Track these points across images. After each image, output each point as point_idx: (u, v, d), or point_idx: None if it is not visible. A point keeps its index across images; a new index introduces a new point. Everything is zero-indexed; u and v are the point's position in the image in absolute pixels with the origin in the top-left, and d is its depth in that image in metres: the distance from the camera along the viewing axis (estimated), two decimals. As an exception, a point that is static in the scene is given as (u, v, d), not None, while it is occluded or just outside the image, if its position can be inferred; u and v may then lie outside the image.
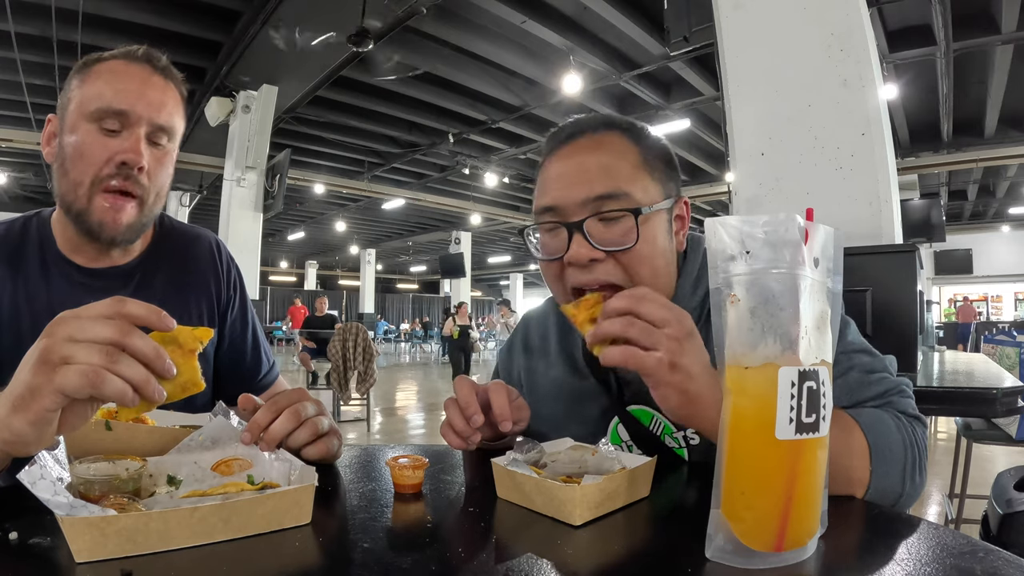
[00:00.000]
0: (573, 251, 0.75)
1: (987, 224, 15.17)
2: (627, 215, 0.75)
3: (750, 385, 0.47)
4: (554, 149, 0.82)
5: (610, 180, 0.76)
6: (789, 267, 0.47)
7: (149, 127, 0.88)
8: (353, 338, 5.85)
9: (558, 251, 0.78)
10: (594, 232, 0.75)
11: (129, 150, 0.85)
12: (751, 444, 0.48)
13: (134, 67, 0.89)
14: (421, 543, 0.53)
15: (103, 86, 0.86)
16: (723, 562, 0.47)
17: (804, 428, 0.46)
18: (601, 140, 0.79)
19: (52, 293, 0.90)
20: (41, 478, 0.49)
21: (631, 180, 0.77)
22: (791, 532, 0.47)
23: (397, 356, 17.68)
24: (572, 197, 0.76)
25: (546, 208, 0.79)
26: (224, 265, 1.07)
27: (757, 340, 0.47)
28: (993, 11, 5.39)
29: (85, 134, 0.86)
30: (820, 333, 0.48)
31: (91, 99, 0.86)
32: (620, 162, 0.77)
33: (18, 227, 0.93)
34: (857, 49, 2.02)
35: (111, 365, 0.51)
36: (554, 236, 0.79)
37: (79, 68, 0.90)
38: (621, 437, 0.86)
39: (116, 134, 0.86)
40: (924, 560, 0.47)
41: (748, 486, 0.48)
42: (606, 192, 0.75)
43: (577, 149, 0.79)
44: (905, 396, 0.74)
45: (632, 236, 0.75)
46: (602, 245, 0.75)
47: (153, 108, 0.88)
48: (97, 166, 0.85)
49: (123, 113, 0.85)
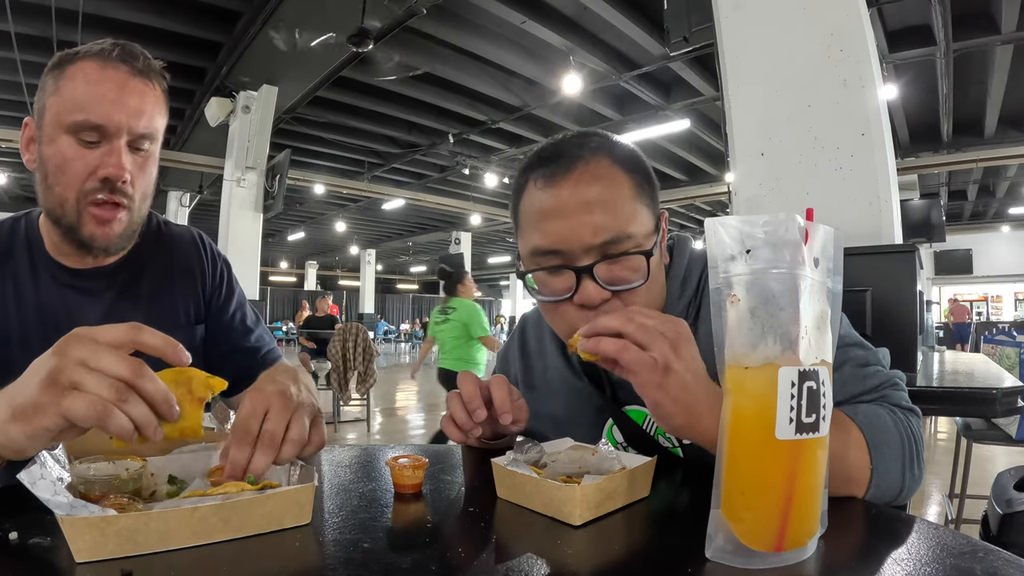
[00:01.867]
0: (584, 294, 0.74)
1: (987, 224, 15.17)
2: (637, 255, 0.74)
3: (750, 385, 0.47)
4: (544, 179, 0.76)
5: (614, 222, 0.73)
6: (789, 267, 0.47)
7: (130, 136, 0.86)
8: (353, 338, 5.85)
9: (563, 292, 0.76)
10: (602, 273, 0.74)
11: (110, 165, 0.84)
12: (751, 444, 0.48)
13: (110, 71, 0.85)
14: (421, 543, 0.53)
15: (80, 95, 0.83)
16: (723, 562, 0.47)
17: (804, 428, 0.46)
18: (596, 172, 0.75)
19: (40, 294, 0.90)
20: (41, 478, 0.49)
21: (632, 218, 0.75)
22: (791, 532, 0.47)
23: (397, 356, 17.69)
24: (577, 241, 0.73)
25: (549, 251, 0.75)
26: (209, 256, 1.07)
27: (757, 340, 0.47)
28: (993, 11, 5.39)
29: (65, 147, 0.84)
30: (820, 333, 0.48)
31: (68, 110, 0.83)
32: (618, 199, 0.75)
33: (7, 228, 0.93)
34: (857, 49, 2.02)
35: (120, 403, 0.52)
36: (557, 276, 0.77)
37: (52, 68, 0.87)
38: (616, 438, 0.86)
39: (96, 145, 0.84)
40: (924, 560, 0.47)
41: (748, 486, 0.48)
42: (612, 238, 0.73)
43: (573, 183, 0.74)
44: (898, 389, 0.74)
45: (642, 275, 0.75)
46: (611, 285, 0.74)
47: (133, 116, 0.85)
48: (80, 180, 0.84)
49: (101, 127, 0.83)
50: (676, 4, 3.57)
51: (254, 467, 0.60)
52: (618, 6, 5.47)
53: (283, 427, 0.64)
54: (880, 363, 0.76)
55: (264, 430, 0.62)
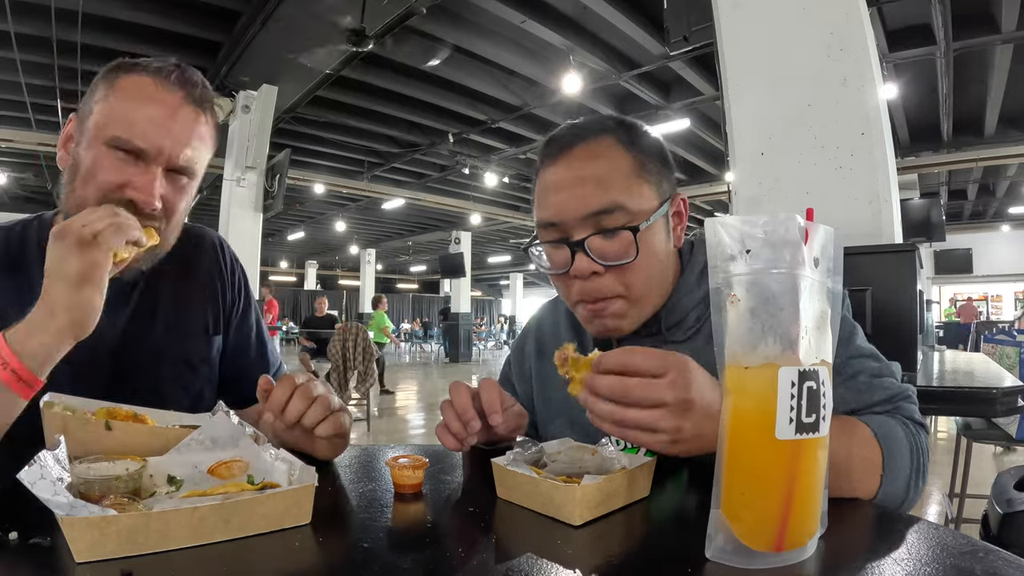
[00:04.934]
0: (576, 266, 0.79)
1: (987, 224, 15.15)
2: (626, 230, 0.77)
3: (750, 385, 0.47)
4: (550, 157, 0.82)
5: (606, 194, 0.77)
6: (789, 267, 0.47)
7: (169, 165, 0.83)
8: (353, 338, 5.85)
9: (563, 265, 0.81)
10: (595, 247, 0.77)
11: (141, 189, 0.80)
12: (751, 444, 0.48)
13: (165, 92, 0.82)
14: (421, 543, 0.53)
15: (127, 110, 0.80)
16: (723, 562, 0.47)
17: (804, 428, 0.46)
18: (596, 150, 0.80)
19: None
20: (41, 478, 0.49)
21: (626, 191, 0.78)
22: (791, 532, 0.47)
23: (397, 356, 17.68)
24: (571, 212, 0.78)
25: (548, 223, 0.81)
26: (228, 265, 1.05)
27: (757, 340, 0.47)
28: (993, 11, 5.38)
29: (101, 156, 0.80)
30: (820, 333, 0.48)
31: (112, 122, 0.80)
32: (615, 173, 0.79)
33: (17, 232, 0.91)
34: (857, 48, 2.02)
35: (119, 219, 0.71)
36: (558, 250, 0.81)
37: (108, 74, 0.84)
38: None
39: (132, 161, 0.81)
40: (924, 560, 0.47)
41: (748, 486, 0.48)
42: (602, 207, 0.77)
43: (572, 159, 0.80)
44: (911, 402, 0.76)
45: (632, 251, 0.77)
46: (603, 260, 0.78)
47: (176, 145, 0.82)
48: (106, 191, 0.80)
49: (140, 150, 0.80)
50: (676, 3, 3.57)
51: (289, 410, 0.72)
52: (618, 5, 5.46)
53: (320, 391, 0.75)
54: (894, 375, 0.78)
55: (302, 387, 0.74)
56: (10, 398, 0.68)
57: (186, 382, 0.96)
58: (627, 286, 0.79)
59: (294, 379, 0.76)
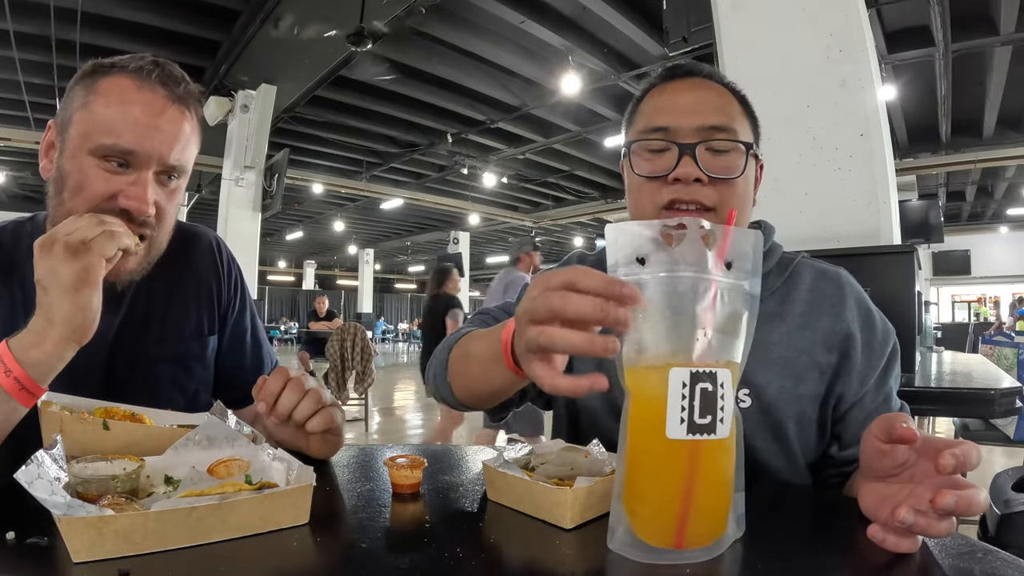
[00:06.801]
0: (682, 169, 0.79)
1: (985, 225, 15.17)
2: (737, 148, 0.81)
3: (644, 385, 0.48)
4: (671, 77, 0.87)
5: (724, 116, 0.82)
6: (692, 270, 0.47)
7: (159, 167, 0.80)
8: (351, 338, 5.84)
9: (661, 170, 0.81)
10: (702, 158, 0.80)
11: (134, 197, 0.78)
12: (644, 442, 0.49)
13: (147, 93, 0.79)
14: (419, 543, 0.53)
15: (111, 116, 0.77)
16: (623, 555, 0.49)
17: (697, 429, 0.46)
18: (717, 87, 0.85)
19: None
20: (38, 477, 0.49)
21: (740, 122, 0.83)
22: (691, 531, 0.48)
23: (395, 356, 17.67)
24: (688, 122, 0.81)
25: (658, 128, 0.82)
26: (225, 265, 1.04)
27: (651, 342, 0.48)
28: (992, 12, 5.39)
29: (87, 166, 0.78)
30: (726, 335, 0.48)
31: (96, 130, 0.77)
32: (731, 107, 0.84)
33: (9, 233, 0.89)
34: (856, 50, 2.02)
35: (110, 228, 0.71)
36: (659, 156, 0.82)
37: (85, 77, 0.81)
38: None
39: (121, 170, 0.79)
40: (923, 560, 0.47)
41: (642, 482, 0.49)
42: (720, 124, 0.80)
43: (693, 84, 0.85)
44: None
45: (738, 167, 0.80)
46: (709, 171, 0.79)
47: (165, 146, 0.79)
48: (97, 203, 0.78)
49: (131, 153, 0.78)
50: (675, 4, 3.57)
51: (281, 403, 0.72)
52: (617, 6, 5.47)
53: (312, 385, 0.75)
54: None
55: (295, 380, 0.74)
56: (11, 406, 0.67)
57: (181, 382, 0.96)
58: (721, 203, 0.80)
59: (287, 370, 0.76)
